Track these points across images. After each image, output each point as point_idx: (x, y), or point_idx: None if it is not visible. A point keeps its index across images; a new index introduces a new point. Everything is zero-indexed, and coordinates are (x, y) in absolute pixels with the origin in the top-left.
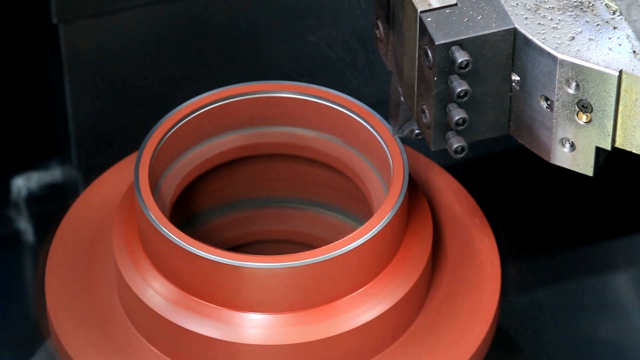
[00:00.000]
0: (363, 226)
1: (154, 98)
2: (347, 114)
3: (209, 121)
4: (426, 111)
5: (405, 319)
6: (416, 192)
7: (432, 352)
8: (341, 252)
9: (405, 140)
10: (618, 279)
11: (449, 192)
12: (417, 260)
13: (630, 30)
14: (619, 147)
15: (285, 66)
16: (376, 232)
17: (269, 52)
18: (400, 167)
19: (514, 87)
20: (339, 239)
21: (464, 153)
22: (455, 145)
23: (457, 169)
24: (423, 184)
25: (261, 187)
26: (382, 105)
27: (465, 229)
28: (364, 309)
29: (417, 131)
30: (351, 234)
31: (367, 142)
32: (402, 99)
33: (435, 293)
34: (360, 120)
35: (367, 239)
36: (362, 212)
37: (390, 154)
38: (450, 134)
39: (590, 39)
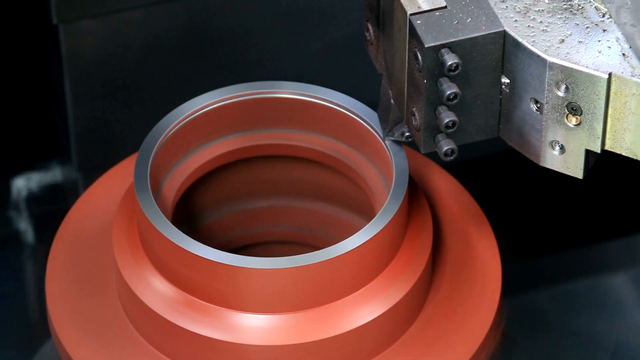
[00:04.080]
0: (363, 227)
1: (154, 98)
2: (348, 115)
3: (209, 122)
4: (416, 114)
5: (405, 319)
6: (416, 192)
7: (432, 353)
8: (341, 254)
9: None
10: (618, 279)
11: (449, 192)
12: (417, 260)
13: (620, 32)
14: (609, 149)
15: (285, 67)
16: (376, 233)
17: (268, 52)
18: (400, 168)
19: (504, 90)
20: (341, 239)
21: (454, 156)
22: (445, 148)
23: (457, 169)
24: (423, 184)
25: (262, 188)
26: None
27: (465, 229)
28: (364, 310)
29: (407, 134)
30: (351, 235)
31: (367, 142)
32: (392, 101)
33: (435, 293)
34: (361, 121)
35: (367, 240)
36: (364, 212)
37: (391, 154)
38: (440, 136)
39: (579, 42)
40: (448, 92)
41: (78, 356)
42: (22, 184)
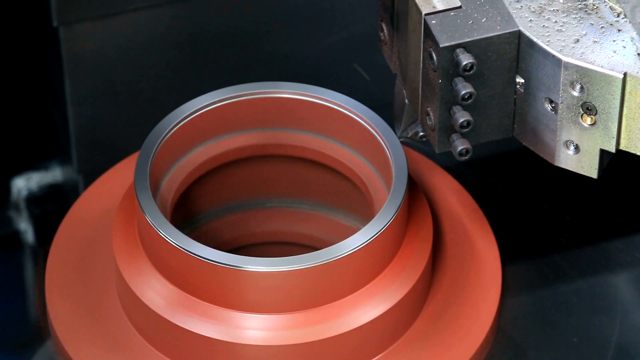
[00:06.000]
0: (364, 228)
1: (153, 100)
2: (348, 116)
3: (209, 122)
4: (431, 114)
5: (405, 319)
6: (416, 192)
7: (433, 352)
8: (342, 255)
9: (405, 141)
10: (618, 279)
11: (449, 192)
12: (417, 260)
13: (635, 32)
14: (624, 149)
15: (285, 67)
16: (376, 233)
17: (268, 53)
18: (400, 169)
19: (519, 90)
20: (340, 239)
21: (469, 155)
22: (459, 148)
23: (457, 169)
24: (423, 185)
25: (262, 188)
26: (382, 107)
27: (465, 229)
28: (364, 309)
29: (421, 133)
30: (352, 237)
31: (367, 143)
32: (406, 101)
33: (435, 293)
34: (361, 122)
35: (368, 240)
36: (363, 213)
37: (390, 155)
38: (454, 136)
39: (594, 42)
40: (463, 92)
41: (78, 356)
42: (22, 184)
